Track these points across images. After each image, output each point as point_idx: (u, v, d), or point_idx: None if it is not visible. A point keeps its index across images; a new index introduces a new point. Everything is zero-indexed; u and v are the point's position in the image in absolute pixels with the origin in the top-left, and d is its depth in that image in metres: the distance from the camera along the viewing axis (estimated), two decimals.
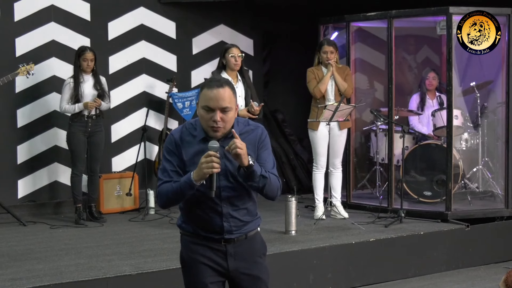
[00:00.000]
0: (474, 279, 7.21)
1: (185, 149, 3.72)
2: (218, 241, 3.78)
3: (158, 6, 9.19)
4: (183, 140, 3.74)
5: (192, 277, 3.83)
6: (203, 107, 3.66)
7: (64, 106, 7.84)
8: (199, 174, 3.59)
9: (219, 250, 3.79)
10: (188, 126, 3.78)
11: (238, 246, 3.82)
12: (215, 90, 3.64)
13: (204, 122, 3.69)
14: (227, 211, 3.76)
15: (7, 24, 8.23)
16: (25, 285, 5.46)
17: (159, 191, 3.75)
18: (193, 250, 3.80)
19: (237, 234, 3.80)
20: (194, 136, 3.74)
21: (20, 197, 8.40)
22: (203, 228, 3.78)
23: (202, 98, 3.68)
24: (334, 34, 9.14)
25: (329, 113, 7.59)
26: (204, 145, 3.66)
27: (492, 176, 8.80)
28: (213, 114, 3.64)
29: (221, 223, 3.76)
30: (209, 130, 3.69)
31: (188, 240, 3.83)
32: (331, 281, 6.81)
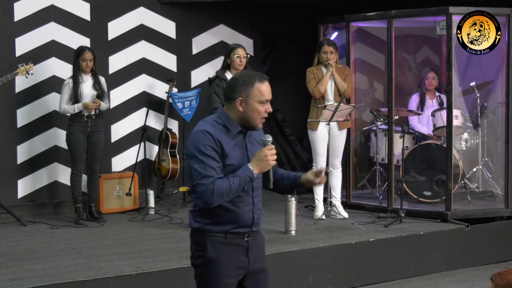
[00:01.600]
0: (474, 279, 7.20)
1: (225, 144, 3.74)
2: (242, 236, 3.83)
3: (158, 6, 9.20)
4: (220, 135, 3.75)
5: (216, 277, 3.79)
6: (260, 101, 3.76)
7: (63, 106, 7.83)
8: (262, 167, 3.71)
9: (242, 246, 3.83)
10: (214, 122, 3.80)
11: (254, 241, 3.89)
12: (266, 83, 3.80)
13: (257, 115, 3.77)
14: (257, 201, 3.86)
15: (7, 24, 8.23)
16: (25, 285, 5.46)
17: (217, 189, 3.66)
18: (219, 250, 3.78)
19: (258, 226, 3.90)
20: (227, 130, 3.78)
21: (20, 197, 8.40)
22: (233, 223, 3.79)
23: (256, 93, 3.76)
24: (334, 34, 9.14)
25: (329, 113, 7.59)
26: (237, 140, 3.77)
27: (492, 176, 8.80)
28: (267, 105, 3.79)
29: (251, 214, 3.83)
30: (259, 122, 3.80)
31: (216, 241, 3.79)
32: (331, 281, 6.81)
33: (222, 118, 3.79)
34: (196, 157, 3.71)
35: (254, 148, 3.82)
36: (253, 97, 3.76)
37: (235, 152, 3.75)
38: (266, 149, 3.71)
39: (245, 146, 3.82)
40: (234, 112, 3.79)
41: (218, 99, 7.08)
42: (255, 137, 3.86)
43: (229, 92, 3.82)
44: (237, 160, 3.74)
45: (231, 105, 3.80)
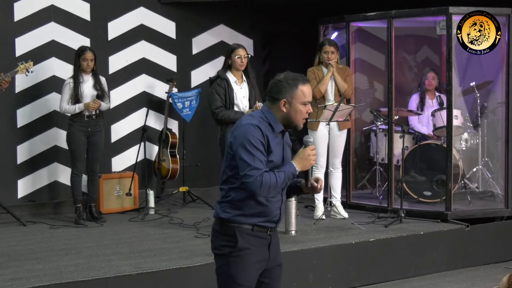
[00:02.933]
0: (474, 279, 7.20)
1: (271, 139, 3.93)
2: (266, 230, 4.00)
3: (158, 6, 9.19)
4: (267, 132, 3.93)
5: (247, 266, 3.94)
6: (304, 103, 3.96)
7: (64, 106, 7.83)
8: (304, 165, 3.94)
9: (266, 239, 4.01)
10: (261, 120, 3.96)
11: (275, 236, 4.09)
12: (308, 85, 4.02)
13: (300, 115, 3.98)
14: (284, 199, 4.06)
15: (7, 24, 8.23)
16: (25, 285, 5.46)
17: (264, 181, 3.83)
18: (250, 242, 3.94)
19: (280, 222, 4.11)
20: (271, 128, 3.96)
21: (20, 197, 8.40)
22: (263, 217, 3.96)
23: (300, 94, 3.95)
24: (334, 34, 9.14)
25: (329, 113, 7.59)
26: (278, 138, 3.98)
27: (492, 176, 8.80)
28: (308, 107, 3.99)
29: (279, 211, 4.03)
30: (301, 122, 4.01)
31: (245, 232, 3.94)
32: (331, 281, 6.80)
33: (268, 116, 3.97)
34: (245, 149, 3.87)
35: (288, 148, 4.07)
36: (297, 98, 3.96)
37: (277, 150, 3.96)
38: (309, 149, 3.93)
39: (282, 145, 4.03)
40: (278, 112, 3.97)
41: (220, 98, 7.07)
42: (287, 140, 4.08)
43: (274, 93, 4.00)
44: (277, 157, 3.95)
45: (275, 105, 3.98)
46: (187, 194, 9.06)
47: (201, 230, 7.40)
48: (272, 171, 3.87)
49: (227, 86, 7.11)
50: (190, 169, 9.17)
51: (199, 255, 6.41)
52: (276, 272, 4.11)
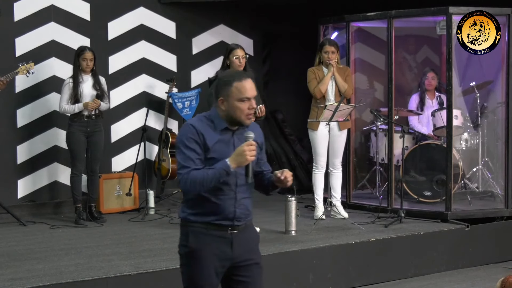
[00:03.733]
0: (474, 279, 7.20)
1: (208, 137, 3.92)
2: (226, 229, 3.95)
3: (158, 6, 9.20)
4: (205, 130, 3.93)
5: (198, 267, 3.94)
6: (241, 99, 3.92)
7: (63, 106, 7.84)
8: (239, 161, 3.85)
9: (226, 238, 3.95)
10: (203, 118, 4.00)
11: (241, 234, 4.01)
12: (246, 80, 3.98)
13: (239, 112, 3.93)
14: (240, 197, 3.99)
15: (7, 24, 8.23)
16: (25, 285, 5.46)
17: (191, 178, 3.85)
18: (203, 240, 3.93)
19: (243, 221, 4.03)
20: (213, 126, 3.96)
21: (20, 197, 8.40)
22: (216, 215, 3.94)
23: (235, 91, 3.93)
24: (334, 34, 9.14)
25: (329, 113, 7.59)
26: (224, 136, 3.94)
27: (492, 176, 8.80)
28: (249, 102, 3.95)
29: (234, 209, 3.97)
30: (245, 119, 3.95)
31: (198, 231, 3.94)
32: (331, 281, 6.81)
33: (212, 114, 4.00)
34: (179, 149, 3.94)
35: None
36: (232, 96, 3.93)
37: (220, 147, 3.92)
38: (245, 145, 3.84)
39: (232, 143, 3.97)
40: (220, 110, 3.97)
41: None
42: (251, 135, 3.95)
43: (214, 92, 4.02)
44: (221, 155, 3.89)
45: (216, 103, 3.99)
46: None
47: None
48: (203, 168, 3.86)
49: None
50: None
51: None
52: (252, 270, 4.04)
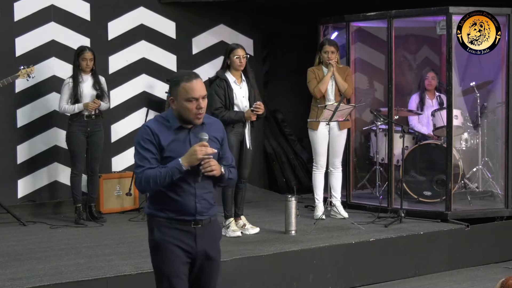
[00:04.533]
0: (474, 279, 7.21)
1: (162, 137, 4.05)
2: (189, 223, 4.08)
3: (158, 6, 9.19)
4: (160, 130, 4.07)
5: (164, 258, 4.08)
6: (188, 99, 4.02)
7: (63, 106, 7.84)
8: (190, 161, 3.97)
9: (189, 232, 4.09)
10: (160, 118, 4.15)
11: (205, 229, 4.13)
12: (194, 81, 4.05)
13: (188, 112, 4.04)
14: (200, 193, 4.09)
15: (7, 24, 8.23)
16: (25, 285, 5.45)
17: (144, 177, 4.01)
18: (166, 234, 4.07)
19: (206, 216, 4.13)
20: (168, 126, 4.08)
21: (20, 197, 8.40)
22: (177, 211, 4.07)
23: (182, 91, 4.03)
24: (334, 34, 9.14)
25: (329, 113, 7.58)
26: (179, 134, 4.07)
27: (492, 176, 8.80)
28: (197, 102, 4.04)
29: (194, 204, 4.07)
30: (194, 118, 4.06)
31: (161, 225, 4.09)
32: (331, 281, 6.80)
33: (168, 114, 4.13)
34: (136, 150, 4.09)
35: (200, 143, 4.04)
36: (180, 95, 4.03)
37: (175, 146, 4.05)
38: (197, 145, 3.96)
39: (189, 141, 4.08)
40: (173, 109, 4.10)
41: (219, 99, 7.08)
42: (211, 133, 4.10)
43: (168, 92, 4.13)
44: (176, 153, 4.01)
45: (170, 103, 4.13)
46: None
47: None
48: (157, 167, 3.99)
49: (226, 86, 7.11)
50: None
51: None
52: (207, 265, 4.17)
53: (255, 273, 6.41)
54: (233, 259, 6.30)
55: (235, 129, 7.14)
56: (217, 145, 4.14)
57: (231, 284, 6.25)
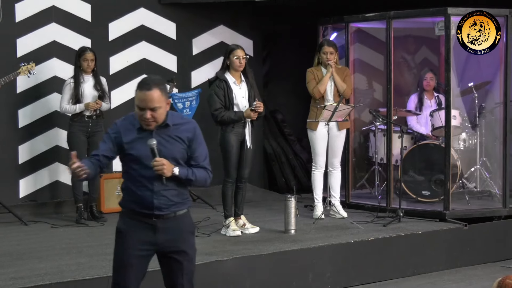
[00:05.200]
0: (472, 278, 7.22)
1: (125, 135, 4.29)
2: (149, 216, 4.27)
3: (158, 7, 9.20)
4: (125, 128, 4.32)
5: (122, 245, 4.34)
6: (138, 107, 4.26)
7: (64, 106, 7.85)
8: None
9: (149, 224, 4.28)
10: (130, 117, 4.38)
11: (167, 222, 4.30)
12: (144, 92, 4.25)
13: (139, 118, 4.29)
14: (158, 189, 4.24)
15: (9, 24, 8.24)
16: (27, 284, 5.47)
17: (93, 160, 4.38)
18: (128, 224, 4.32)
19: (166, 211, 4.29)
20: (134, 125, 4.32)
21: (21, 196, 8.41)
22: (137, 204, 4.27)
23: (135, 97, 4.29)
24: (333, 34, 9.15)
25: (328, 113, 7.60)
26: (143, 133, 4.27)
27: (490, 176, 8.82)
28: (143, 112, 4.22)
29: (151, 199, 4.25)
30: (143, 124, 4.27)
31: (125, 216, 4.35)
32: (330, 280, 6.82)
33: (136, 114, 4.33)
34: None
35: (168, 143, 4.26)
36: (135, 101, 4.30)
37: (137, 145, 4.26)
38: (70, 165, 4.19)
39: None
40: None
41: (219, 99, 7.09)
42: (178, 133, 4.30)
43: None
44: (138, 151, 4.25)
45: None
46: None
47: (201, 229, 7.41)
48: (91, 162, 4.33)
49: (226, 86, 7.12)
50: None
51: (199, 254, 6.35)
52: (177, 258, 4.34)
53: (255, 272, 6.43)
54: (233, 258, 6.32)
55: (235, 129, 7.15)
56: (181, 145, 4.30)
57: (231, 283, 6.27)
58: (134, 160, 4.26)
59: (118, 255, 4.37)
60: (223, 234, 7.24)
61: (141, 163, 4.23)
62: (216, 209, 8.43)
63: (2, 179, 8.24)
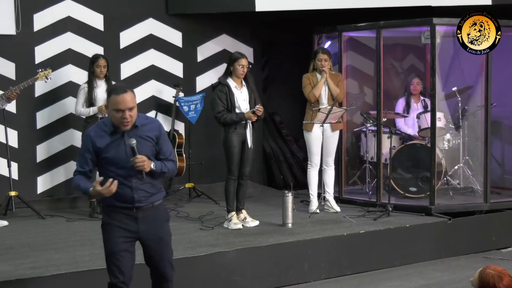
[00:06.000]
0: (455, 267, 7.22)
1: (99, 141, 4.41)
2: (130, 209, 4.47)
3: (166, 17, 9.21)
4: (98, 135, 4.43)
5: (110, 236, 4.51)
6: (114, 109, 4.33)
7: (79, 109, 7.86)
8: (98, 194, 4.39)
9: (131, 215, 4.48)
10: (101, 124, 4.49)
11: (146, 212, 4.51)
12: (121, 95, 4.32)
13: (115, 120, 4.37)
14: (136, 185, 4.44)
15: (27, 34, 8.25)
16: (44, 273, 5.48)
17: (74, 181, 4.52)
18: (112, 217, 4.50)
19: (145, 203, 4.49)
20: (105, 131, 4.43)
21: (39, 192, 8.42)
22: (118, 200, 4.43)
23: (111, 102, 4.34)
24: (327, 43, 9.14)
25: (323, 115, 7.60)
26: (114, 137, 4.41)
27: (472, 173, 8.81)
28: (122, 113, 4.32)
29: (132, 195, 4.44)
30: (121, 125, 4.37)
31: (109, 210, 4.53)
32: (324, 269, 6.82)
33: (106, 120, 4.47)
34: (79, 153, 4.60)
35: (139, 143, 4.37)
36: (110, 105, 4.38)
37: (112, 148, 4.40)
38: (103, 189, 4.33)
39: (123, 142, 4.40)
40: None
41: (221, 103, 7.09)
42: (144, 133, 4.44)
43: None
44: (113, 154, 4.39)
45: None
46: (193, 190, 9.07)
47: (205, 223, 7.42)
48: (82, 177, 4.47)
49: (228, 91, 7.12)
50: (195, 167, 9.19)
51: (203, 246, 6.43)
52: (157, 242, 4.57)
53: (255, 262, 6.43)
54: (234, 250, 6.32)
55: (237, 130, 7.15)
56: (150, 143, 4.47)
57: (233, 272, 6.27)
58: (110, 162, 4.41)
59: (108, 245, 4.54)
60: (225, 227, 7.24)
61: (116, 163, 4.40)
62: (219, 204, 8.43)
63: (22, 176, 8.25)
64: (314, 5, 8.56)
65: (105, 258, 4.57)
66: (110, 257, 4.53)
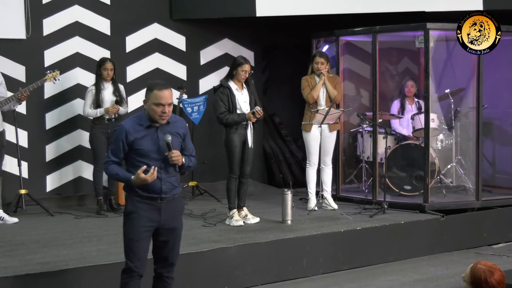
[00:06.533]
0: (448, 263, 7.20)
1: (133, 133, 4.51)
2: (156, 199, 4.57)
3: (170, 22, 9.19)
4: (132, 128, 4.53)
5: (133, 225, 4.56)
6: (155, 103, 4.47)
7: (87, 110, 7.84)
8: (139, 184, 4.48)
9: (155, 206, 4.59)
10: (134, 119, 4.61)
11: (169, 204, 4.63)
12: (164, 91, 4.49)
13: (154, 114, 4.51)
14: (165, 177, 4.58)
15: (37, 38, 8.24)
16: (53, 268, 5.46)
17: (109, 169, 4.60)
18: (137, 206, 4.57)
19: (170, 194, 4.63)
20: (141, 125, 4.55)
21: (48, 190, 8.41)
22: (147, 191, 4.54)
23: (153, 97, 4.48)
24: (325, 47, 9.12)
25: (321, 116, 7.58)
26: (148, 131, 4.53)
27: (464, 172, 8.79)
28: (163, 107, 4.48)
29: (160, 185, 4.56)
30: (159, 119, 4.52)
31: (134, 200, 4.58)
32: (322, 264, 6.80)
33: (141, 115, 4.60)
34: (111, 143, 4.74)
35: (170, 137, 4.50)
36: (151, 99, 4.51)
37: (145, 141, 4.51)
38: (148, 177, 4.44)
39: (157, 136, 4.54)
40: (145, 110, 4.58)
41: (223, 104, 7.07)
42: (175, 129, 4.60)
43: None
44: (146, 147, 4.51)
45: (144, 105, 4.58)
46: (196, 188, 9.05)
47: (208, 220, 7.40)
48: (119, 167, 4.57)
49: (229, 93, 7.10)
50: (198, 166, 9.09)
51: (206, 242, 6.41)
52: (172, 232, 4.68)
53: (256, 258, 6.40)
54: (236, 246, 6.30)
55: (238, 131, 7.13)
56: (179, 139, 4.63)
57: (235, 267, 6.25)
58: (142, 154, 4.51)
59: (130, 233, 4.57)
60: (227, 224, 7.22)
61: (148, 155, 4.51)
62: (221, 201, 8.41)
63: (32, 175, 8.24)
64: (313, 11, 8.55)
65: (124, 244, 4.63)
66: (129, 244, 4.59)
